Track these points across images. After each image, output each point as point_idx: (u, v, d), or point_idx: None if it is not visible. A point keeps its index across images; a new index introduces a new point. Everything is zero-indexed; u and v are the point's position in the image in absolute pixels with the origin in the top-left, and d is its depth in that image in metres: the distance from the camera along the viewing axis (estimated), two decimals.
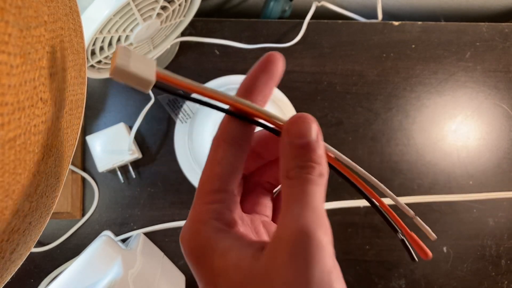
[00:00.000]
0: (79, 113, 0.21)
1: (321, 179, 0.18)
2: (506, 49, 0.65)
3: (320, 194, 0.17)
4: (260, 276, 0.16)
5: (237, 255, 0.17)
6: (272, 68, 0.20)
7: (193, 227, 0.19)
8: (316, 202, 0.17)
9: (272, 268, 0.16)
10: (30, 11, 0.14)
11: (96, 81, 0.61)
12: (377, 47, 0.64)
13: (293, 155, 0.18)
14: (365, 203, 0.60)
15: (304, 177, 0.17)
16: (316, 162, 0.18)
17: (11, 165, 0.14)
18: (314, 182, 0.17)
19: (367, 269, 0.60)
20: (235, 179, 0.20)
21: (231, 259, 0.17)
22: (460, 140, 0.64)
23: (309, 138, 0.18)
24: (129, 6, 0.41)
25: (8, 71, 0.13)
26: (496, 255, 0.61)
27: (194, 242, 0.19)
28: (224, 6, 0.74)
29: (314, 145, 0.18)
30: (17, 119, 0.13)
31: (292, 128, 0.18)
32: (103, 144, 0.57)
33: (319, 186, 0.18)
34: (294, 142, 0.18)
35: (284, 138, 0.19)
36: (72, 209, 0.56)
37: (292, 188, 0.18)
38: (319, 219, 0.16)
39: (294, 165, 0.18)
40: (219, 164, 0.20)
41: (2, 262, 0.16)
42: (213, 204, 0.19)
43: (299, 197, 0.17)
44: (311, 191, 0.17)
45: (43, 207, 0.18)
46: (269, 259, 0.16)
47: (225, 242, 0.18)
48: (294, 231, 0.16)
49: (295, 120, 0.19)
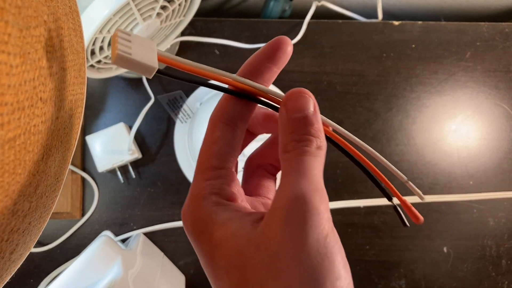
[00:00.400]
0: (79, 113, 0.21)
1: (319, 151, 0.18)
2: (507, 49, 0.65)
3: (318, 165, 0.17)
4: (256, 244, 0.16)
5: (235, 225, 0.18)
6: (280, 55, 0.20)
7: (194, 202, 0.19)
8: (313, 172, 0.17)
9: (267, 234, 0.16)
10: (30, 10, 0.14)
11: (96, 81, 0.61)
12: (377, 47, 0.64)
13: (291, 129, 0.18)
14: (365, 203, 0.60)
15: (301, 149, 0.18)
16: (313, 135, 0.18)
17: (10, 165, 0.14)
18: (311, 154, 0.17)
19: (367, 269, 0.60)
20: (233, 157, 0.20)
21: (230, 229, 0.17)
22: (460, 140, 0.64)
23: (306, 111, 0.18)
24: (129, 6, 0.41)
25: (8, 71, 0.13)
26: (497, 255, 0.61)
27: (194, 216, 0.19)
28: (224, 6, 0.74)
29: (312, 119, 0.18)
30: (16, 119, 0.13)
31: (290, 102, 0.19)
32: (103, 144, 0.57)
33: (316, 157, 0.18)
34: (291, 116, 0.18)
35: (282, 112, 0.19)
36: (72, 209, 0.56)
37: (289, 160, 0.18)
38: (315, 186, 0.16)
39: (291, 139, 0.18)
40: (216, 143, 0.20)
41: (2, 262, 0.16)
42: (212, 180, 0.19)
43: (295, 166, 0.17)
44: (308, 161, 0.17)
45: (43, 207, 0.18)
46: (265, 226, 0.16)
47: (225, 214, 0.18)
48: (289, 197, 0.16)
49: (292, 94, 0.19)
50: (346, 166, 0.61)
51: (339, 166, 0.62)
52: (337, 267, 0.16)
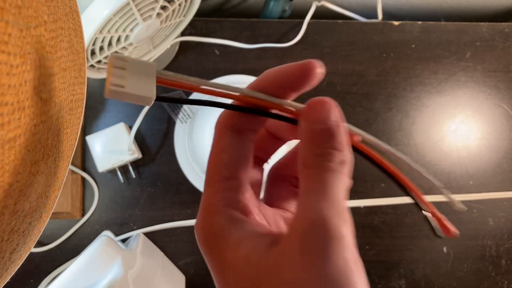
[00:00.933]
0: (79, 113, 0.21)
1: (342, 167, 0.16)
2: (506, 49, 0.65)
3: (341, 183, 0.16)
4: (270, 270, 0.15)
5: (249, 247, 0.16)
6: (307, 83, 0.18)
7: (205, 217, 0.18)
8: (335, 192, 0.15)
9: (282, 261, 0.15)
10: (30, 10, 0.14)
11: (96, 81, 0.61)
12: (377, 47, 0.64)
13: (312, 142, 0.17)
14: (365, 203, 0.60)
15: (323, 165, 0.16)
16: (336, 148, 0.16)
17: (11, 165, 0.14)
18: (334, 170, 0.16)
19: (367, 269, 0.60)
20: (244, 166, 0.19)
21: (243, 251, 0.16)
22: (460, 140, 0.64)
23: (329, 122, 0.17)
24: (129, 6, 0.41)
25: (8, 71, 0.13)
26: (496, 255, 0.61)
27: (207, 231, 0.18)
28: (224, 6, 0.74)
29: (335, 130, 0.17)
30: (17, 119, 0.13)
31: (310, 113, 0.17)
32: (103, 144, 0.57)
33: (339, 174, 0.16)
34: (312, 127, 0.17)
35: (302, 124, 0.17)
36: (72, 209, 0.56)
37: (310, 177, 0.16)
38: (337, 209, 0.15)
39: (312, 153, 0.16)
40: (225, 152, 0.18)
41: (2, 262, 0.16)
42: (224, 192, 0.18)
43: (316, 186, 0.16)
44: (330, 179, 0.16)
45: (43, 207, 0.18)
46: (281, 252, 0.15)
47: (238, 232, 0.17)
48: (308, 222, 0.15)
49: (313, 104, 0.17)
50: None
51: None
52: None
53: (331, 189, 0.15)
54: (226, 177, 0.18)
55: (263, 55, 0.63)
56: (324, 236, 0.14)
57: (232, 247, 0.17)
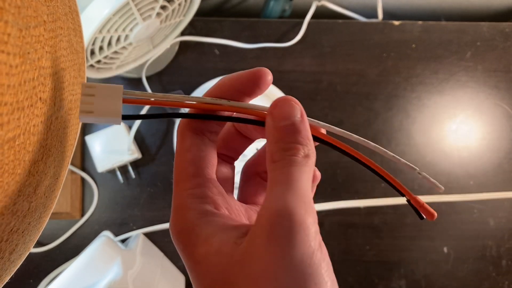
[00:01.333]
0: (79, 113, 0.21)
1: (307, 161, 0.17)
2: (507, 48, 0.65)
3: (305, 176, 0.17)
4: (240, 262, 0.16)
5: (219, 240, 0.17)
6: (261, 85, 0.19)
7: (176, 214, 0.19)
8: (300, 183, 0.16)
9: (251, 252, 0.15)
10: (30, 10, 0.14)
11: (95, 81, 0.61)
12: (378, 46, 0.64)
13: (277, 138, 0.18)
14: (365, 203, 0.60)
15: (288, 159, 0.17)
16: (301, 143, 0.17)
17: (10, 165, 0.14)
18: (298, 163, 0.17)
19: (367, 269, 0.60)
20: (209, 164, 0.20)
21: (213, 246, 0.17)
22: (460, 140, 0.64)
23: (293, 119, 0.18)
24: (128, 6, 0.41)
25: (8, 71, 0.13)
26: (497, 256, 0.61)
27: (179, 228, 0.18)
28: (224, 5, 0.74)
29: (299, 126, 0.18)
30: (16, 119, 0.13)
31: (275, 110, 0.18)
32: (103, 144, 0.56)
33: (304, 167, 0.17)
34: (277, 124, 0.18)
35: (268, 121, 0.18)
36: (72, 209, 0.56)
37: (276, 170, 0.17)
38: (302, 199, 0.16)
39: (278, 148, 0.17)
40: (189, 151, 0.19)
41: (1, 262, 0.16)
42: (191, 189, 0.19)
43: (281, 178, 0.16)
44: (295, 172, 0.16)
45: (42, 207, 0.18)
46: (249, 244, 0.16)
47: (209, 227, 0.18)
48: (273, 212, 0.15)
49: (278, 102, 0.18)
50: (346, 166, 0.61)
51: (339, 166, 0.61)
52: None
53: (296, 181, 0.16)
54: (192, 175, 0.19)
55: (263, 55, 0.63)
56: (289, 226, 0.15)
57: (203, 242, 0.17)
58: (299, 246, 0.15)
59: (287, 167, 0.17)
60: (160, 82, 0.62)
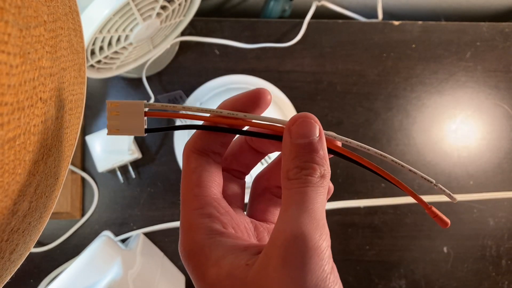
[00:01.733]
0: (79, 113, 0.21)
1: (322, 181, 0.17)
2: (507, 48, 0.65)
3: (320, 197, 0.17)
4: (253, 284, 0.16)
5: (230, 263, 0.17)
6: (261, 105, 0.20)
7: (185, 235, 0.19)
8: (315, 205, 0.16)
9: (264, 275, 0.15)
10: (30, 10, 0.14)
11: (96, 81, 0.61)
12: (377, 46, 0.64)
13: (294, 155, 0.18)
14: (365, 203, 0.60)
15: (303, 179, 0.17)
16: (317, 163, 0.17)
17: (10, 165, 0.14)
18: (314, 184, 0.17)
19: (367, 269, 0.60)
20: (214, 183, 0.20)
21: (224, 268, 0.17)
22: (460, 140, 0.64)
23: (312, 138, 0.18)
24: (128, 6, 0.41)
25: (8, 71, 0.13)
26: (497, 255, 0.61)
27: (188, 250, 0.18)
28: (224, 5, 0.74)
29: (317, 145, 0.18)
30: (16, 119, 0.13)
31: (294, 128, 0.18)
32: (103, 144, 0.56)
33: (319, 188, 0.17)
34: (295, 142, 0.18)
35: (285, 138, 0.18)
36: (72, 209, 0.56)
37: (291, 190, 0.17)
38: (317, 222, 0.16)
39: (294, 166, 0.17)
40: (194, 172, 0.20)
41: (2, 262, 0.16)
42: (199, 209, 0.19)
43: (297, 199, 0.16)
44: (311, 193, 0.17)
45: (43, 207, 0.18)
46: (262, 265, 0.16)
47: (218, 248, 0.18)
48: (288, 235, 0.15)
49: (297, 119, 0.18)
50: (346, 166, 0.61)
51: (339, 166, 0.61)
52: None
53: (311, 203, 0.16)
54: (198, 195, 0.19)
55: (263, 55, 0.63)
56: (304, 251, 0.15)
57: (213, 263, 0.17)
58: (314, 270, 0.15)
59: (303, 187, 0.17)
60: (160, 82, 0.62)
